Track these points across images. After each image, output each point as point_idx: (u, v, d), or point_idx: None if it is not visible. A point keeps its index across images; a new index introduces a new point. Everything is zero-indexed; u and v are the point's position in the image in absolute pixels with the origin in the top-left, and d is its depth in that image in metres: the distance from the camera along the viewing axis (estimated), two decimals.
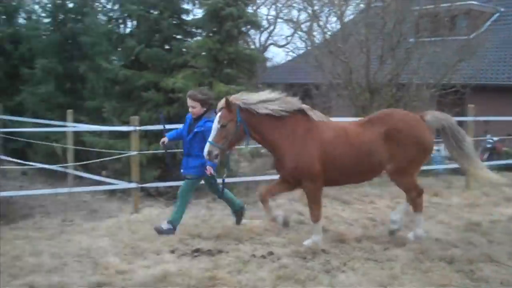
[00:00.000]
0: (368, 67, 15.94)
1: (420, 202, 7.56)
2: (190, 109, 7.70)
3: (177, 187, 11.75)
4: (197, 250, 6.89)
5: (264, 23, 33.26)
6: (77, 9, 16.30)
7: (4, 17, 19.75)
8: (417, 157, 7.37)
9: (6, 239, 7.67)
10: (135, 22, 14.05)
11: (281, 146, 7.09)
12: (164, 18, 13.09)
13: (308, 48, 23.20)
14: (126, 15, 14.07)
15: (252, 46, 27.67)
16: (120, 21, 14.45)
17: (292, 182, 7.35)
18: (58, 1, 16.20)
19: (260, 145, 7.70)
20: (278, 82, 23.91)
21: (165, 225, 7.62)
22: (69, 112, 12.17)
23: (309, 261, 6.53)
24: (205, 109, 7.65)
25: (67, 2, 16.30)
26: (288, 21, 30.45)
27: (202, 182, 7.96)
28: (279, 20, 35.10)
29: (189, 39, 13.92)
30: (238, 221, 8.21)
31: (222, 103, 6.97)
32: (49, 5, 16.61)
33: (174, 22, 13.66)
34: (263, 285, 5.77)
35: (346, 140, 7.18)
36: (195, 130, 7.61)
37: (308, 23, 24.47)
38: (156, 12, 13.38)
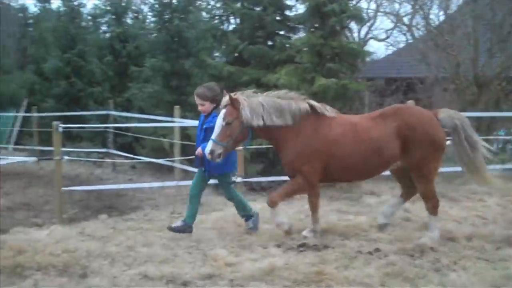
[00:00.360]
0: (476, 60, 15.36)
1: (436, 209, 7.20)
2: (199, 107, 7.48)
3: (279, 181, 11.95)
4: (302, 245, 6.92)
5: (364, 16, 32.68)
6: (182, 8, 16.74)
7: (113, 17, 20.67)
8: (430, 156, 7.01)
9: (119, 229, 8.02)
10: (238, 19, 14.29)
11: (285, 144, 6.98)
12: (268, 14, 13.23)
13: (409, 41, 22.65)
14: (229, 12, 14.34)
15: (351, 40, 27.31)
16: (223, 18, 14.76)
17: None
18: (165, 0, 16.71)
19: None
20: (378, 76, 23.47)
21: (249, 224, 7.64)
22: (176, 108, 12.55)
23: (417, 259, 6.41)
24: (214, 105, 7.34)
25: (173, 1, 16.76)
26: (389, 14, 29.87)
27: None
28: (379, 13, 34.42)
29: (291, 35, 14.01)
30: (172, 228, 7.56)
31: (226, 100, 6.80)
32: (156, 5, 17.16)
33: (277, 18, 13.79)
34: (370, 282, 5.71)
35: (356, 136, 6.97)
36: (205, 126, 7.39)
37: (410, 16, 23.98)
38: (259, 9, 13.54)
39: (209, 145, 6.70)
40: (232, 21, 14.69)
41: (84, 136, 18.22)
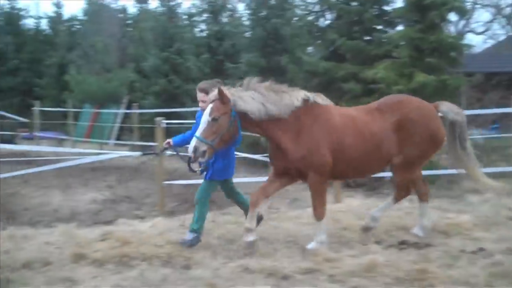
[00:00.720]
0: None
1: (426, 191, 7.18)
2: (200, 104, 6.86)
3: (375, 178, 11.81)
4: (403, 242, 6.82)
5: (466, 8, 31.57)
6: (278, 5, 16.85)
7: (210, 16, 21.11)
8: (427, 151, 6.78)
9: (219, 223, 8.17)
10: (334, 15, 14.23)
11: (284, 138, 6.39)
12: (366, 9, 13.08)
13: (510, 34, 21.67)
14: (325, 8, 14.29)
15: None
16: (319, 14, 14.73)
17: (293, 175, 6.69)
18: None
19: None
20: (477, 70, 22.65)
21: (188, 235, 6.99)
22: None
23: None
24: None
25: None
26: (488, 6, 28.77)
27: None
28: (477, 5, 33.22)
29: (389, 29, 13.79)
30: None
31: (215, 94, 6.23)
32: (252, 3, 17.35)
33: (375, 13, 13.61)
34: (476, 282, 5.53)
35: (355, 129, 6.55)
36: None
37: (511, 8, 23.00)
38: (356, 4, 13.42)
39: (193, 142, 6.09)
40: (328, 16, 14.61)
41: (182, 132, 18.67)
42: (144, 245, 6.76)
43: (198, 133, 6.13)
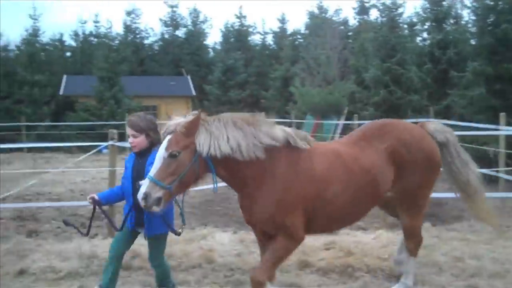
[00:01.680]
0: None
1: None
2: (130, 139, 5.58)
3: None
4: None
5: None
6: (509, 9, 15.90)
7: (434, 24, 20.63)
8: (428, 177, 5.52)
9: (444, 239, 7.93)
10: None
11: (254, 186, 4.87)
12: None
13: None
14: None
15: None
16: None
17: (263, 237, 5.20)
18: (490, 3, 16.06)
19: None
20: None
21: None
22: (502, 115, 11.91)
23: None
24: (150, 141, 5.54)
25: (499, 3, 16.00)
26: None
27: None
28: None
29: None
30: None
31: (175, 123, 4.74)
32: (479, 9, 16.62)
33: None
34: None
35: (345, 169, 5.15)
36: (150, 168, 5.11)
37: None
38: None
39: (144, 186, 4.58)
40: None
41: None
42: (368, 257, 6.83)
43: (151, 173, 4.65)
